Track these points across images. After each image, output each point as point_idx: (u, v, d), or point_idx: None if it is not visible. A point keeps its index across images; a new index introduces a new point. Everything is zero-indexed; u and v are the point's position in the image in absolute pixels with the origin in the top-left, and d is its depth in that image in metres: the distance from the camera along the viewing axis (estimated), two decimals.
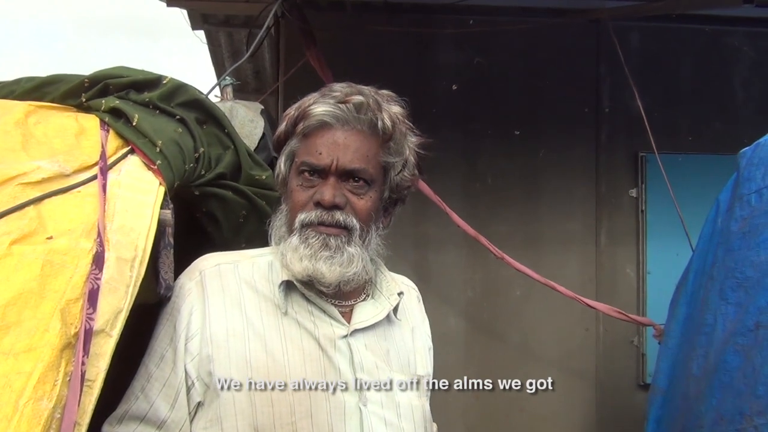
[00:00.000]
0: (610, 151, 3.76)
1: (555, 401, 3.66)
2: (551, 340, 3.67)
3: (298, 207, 1.27)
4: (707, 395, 1.78)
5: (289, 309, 1.27)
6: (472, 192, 3.67)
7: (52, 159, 1.25)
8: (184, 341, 1.22)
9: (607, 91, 3.79)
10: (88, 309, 0.99)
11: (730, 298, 1.81)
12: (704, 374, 1.84)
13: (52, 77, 1.51)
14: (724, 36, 3.84)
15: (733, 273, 1.84)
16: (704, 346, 1.89)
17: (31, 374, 0.88)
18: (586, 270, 3.73)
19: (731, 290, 1.82)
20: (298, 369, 1.22)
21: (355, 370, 1.25)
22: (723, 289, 1.84)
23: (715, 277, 1.92)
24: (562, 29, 3.70)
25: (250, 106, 2.67)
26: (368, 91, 1.30)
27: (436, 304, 3.55)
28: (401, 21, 3.58)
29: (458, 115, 3.71)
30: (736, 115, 3.80)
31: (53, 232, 1.09)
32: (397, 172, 1.33)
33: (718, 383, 1.75)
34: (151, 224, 1.19)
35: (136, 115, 1.39)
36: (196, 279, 1.28)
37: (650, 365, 3.63)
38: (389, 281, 1.39)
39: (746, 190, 1.88)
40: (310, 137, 1.28)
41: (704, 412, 1.78)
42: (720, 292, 1.86)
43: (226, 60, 4.91)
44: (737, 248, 1.84)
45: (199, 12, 4.12)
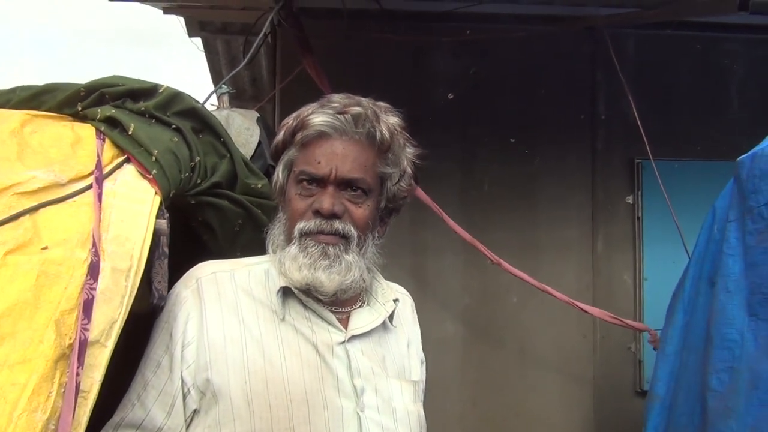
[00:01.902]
0: (606, 158, 3.76)
1: (552, 407, 3.65)
2: (548, 346, 3.67)
3: (297, 216, 1.28)
4: (741, 413, 1.77)
5: (287, 315, 1.28)
6: (468, 199, 3.67)
7: (48, 168, 1.25)
8: (180, 349, 1.23)
9: (602, 98, 3.79)
10: (82, 320, 0.98)
11: (761, 313, 1.81)
12: (732, 391, 1.83)
13: (48, 86, 1.52)
14: (719, 43, 3.85)
15: (759, 288, 1.84)
16: (727, 361, 1.88)
17: (25, 386, 0.88)
18: (583, 277, 3.72)
19: (760, 306, 1.81)
20: (296, 375, 1.22)
21: (353, 376, 1.26)
22: (751, 305, 1.83)
23: (733, 290, 1.91)
24: (558, 37, 3.71)
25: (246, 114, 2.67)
26: (366, 103, 1.32)
27: (434, 311, 3.55)
28: (397, 29, 3.59)
29: (454, 122, 3.71)
30: (731, 122, 3.80)
31: (48, 242, 1.08)
32: (394, 183, 1.35)
33: (757, 401, 1.74)
34: (146, 234, 1.19)
35: (132, 124, 1.39)
36: (192, 287, 1.28)
37: (647, 372, 3.62)
38: (385, 289, 1.40)
39: (755, 203, 1.87)
40: (309, 147, 1.29)
41: (736, 429, 1.77)
42: (748, 307, 1.85)
43: (224, 67, 4.91)
44: (761, 263, 1.84)
45: (196, 20, 4.12)
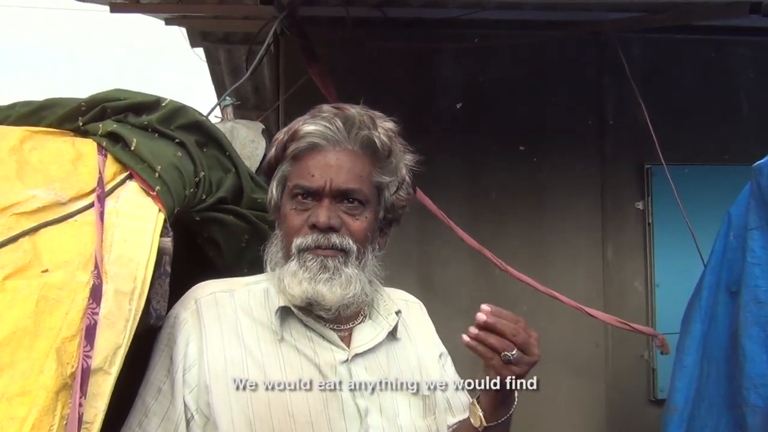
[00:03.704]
0: (615, 164, 3.72)
1: (565, 416, 3.60)
2: (560, 355, 3.61)
3: (294, 231, 1.24)
4: None
5: (287, 336, 1.24)
6: (475, 208, 3.62)
7: (48, 187, 1.21)
8: (182, 372, 1.18)
9: (610, 102, 3.75)
10: (85, 346, 0.94)
11: None
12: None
13: (48, 101, 1.48)
14: (728, 46, 3.81)
15: None
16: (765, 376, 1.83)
17: (25, 420, 0.83)
18: (593, 284, 3.67)
19: None
20: (299, 396, 1.18)
21: (356, 396, 1.22)
22: None
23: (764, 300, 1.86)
24: (563, 42, 3.67)
25: (251, 126, 2.63)
26: (359, 110, 1.28)
27: (442, 320, 3.46)
28: (402, 36, 3.55)
29: (460, 130, 3.67)
30: (741, 126, 3.76)
31: (49, 264, 1.04)
32: (392, 192, 1.31)
33: None
34: (150, 254, 1.14)
35: (134, 139, 1.35)
36: (191, 308, 1.24)
37: (661, 380, 3.57)
38: (386, 301, 1.36)
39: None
40: (302, 160, 1.26)
41: None
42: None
43: (226, 77, 4.89)
44: None
45: (197, 30, 4.10)
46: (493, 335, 1.13)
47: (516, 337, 1.13)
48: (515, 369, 1.14)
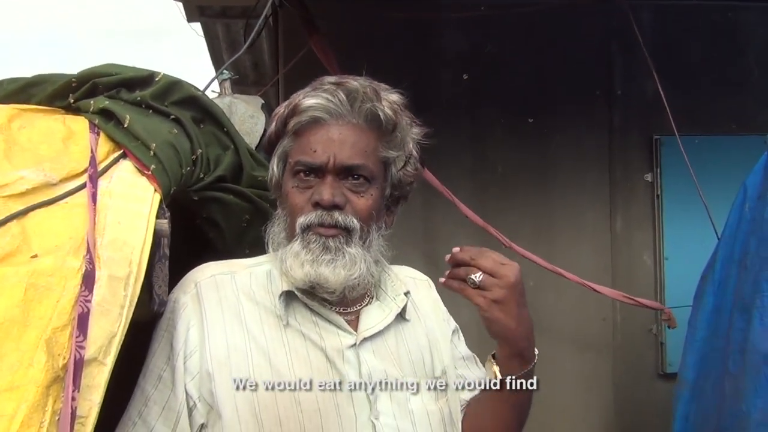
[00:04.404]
0: (624, 135, 3.65)
1: (572, 391, 3.58)
2: (567, 330, 3.58)
3: (297, 210, 1.19)
4: (750, 395, 1.69)
5: (292, 320, 1.19)
6: (481, 183, 3.57)
7: (38, 167, 1.15)
8: (182, 359, 1.14)
9: (618, 73, 3.67)
10: (77, 336, 0.88)
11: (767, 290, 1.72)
12: (743, 372, 1.75)
13: (37, 77, 1.41)
14: (739, 12, 3.71)
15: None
16: (740, 342, 1.79)
17: (13, 417, 0.78)
18: (602, 258, 3.63)
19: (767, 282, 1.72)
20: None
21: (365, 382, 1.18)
22: (758, 282, 1.74)
23: (749, 267, 1.81)
24: (570, 10, 3.57)
25: (250, 100, 2.56)
26: (362, 81, 1.21)
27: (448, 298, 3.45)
28: (405, 5, 3.46)
29: (465, 102, 3.60)
30: (753, 95, 3.68)
31: (38, 249, 0.98)
32: (399, 168, 1.25)
33: (765, 381, 1.66)
34: (146, 237, 1.08)
35: (127, 116, 1.29)
36: (191, 292, 1.19)
37: (669, 354, 3.54)
38: (394, 281, 1.31)
39: None
40: (303, 135, 1.20)
41: (746, 412, 1.69)
42: (754, 284, 1.75)
43: (224, 52, 4.81)
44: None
45: (195, 4, 4.02)
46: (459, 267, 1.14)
47: (476, 260, 1.13)
48: (488, 294, 1.13)
